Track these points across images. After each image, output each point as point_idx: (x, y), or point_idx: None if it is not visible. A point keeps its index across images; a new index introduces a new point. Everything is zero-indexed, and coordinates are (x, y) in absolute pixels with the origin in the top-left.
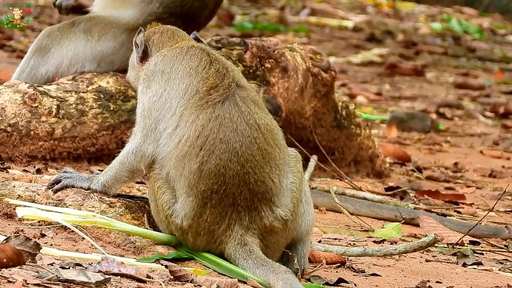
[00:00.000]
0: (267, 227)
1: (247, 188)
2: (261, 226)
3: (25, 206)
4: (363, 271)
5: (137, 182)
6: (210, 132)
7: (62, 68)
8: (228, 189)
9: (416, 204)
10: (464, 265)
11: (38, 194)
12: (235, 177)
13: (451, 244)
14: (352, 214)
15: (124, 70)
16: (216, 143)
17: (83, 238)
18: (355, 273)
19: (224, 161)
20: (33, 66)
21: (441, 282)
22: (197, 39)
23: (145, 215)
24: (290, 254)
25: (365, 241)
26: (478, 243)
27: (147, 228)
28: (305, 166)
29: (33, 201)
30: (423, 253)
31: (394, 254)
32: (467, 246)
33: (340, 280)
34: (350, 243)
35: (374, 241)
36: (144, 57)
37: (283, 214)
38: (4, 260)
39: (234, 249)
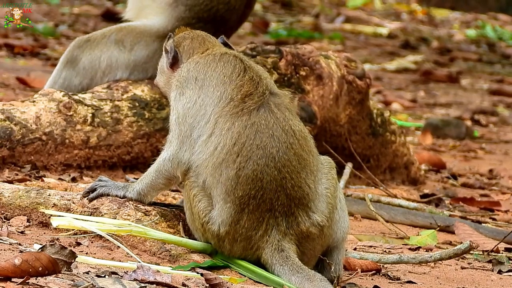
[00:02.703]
0: (304, 233)
1: (284, 193)
2: (298, 232)
3: (59, 215)
4: (398, 279)
5: (172, 190)
6: (246, 138)
7: (96, 79)
8: (265, 194)
9: (451, 211)
10: (500, 272)
11: (73, 203)
12: (272, 182)
13: (486, 251)
14: (387, 221)
15: None
16: (253, 149)
17: (119, 247)
18: (390, 281)
19: (262, 166)
20: (66, 77)
21: None
22: (225, 44)
23: (180, 223)
24: (328, 261)
25: (401, 248)
26: None
27: (182, 236)
28: (340, 174)
29: (68, 210)
30: (458, 260)
31: (429, 262)
32: (502, 253)
33: None
34: (385, 251)
35: (410, 249)
36: (174, 63)
37: (320, 220)
38: (40, 268)
39: (271, 255)
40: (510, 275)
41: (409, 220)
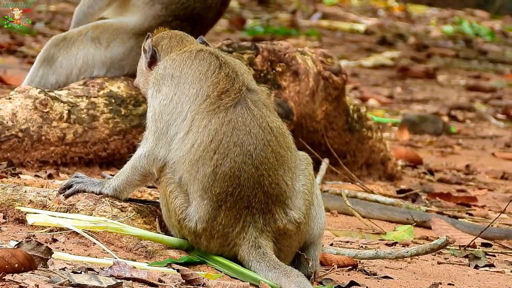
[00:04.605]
0: (281, 229)
1: (262, 190)
2: (275, 229)
3: (35, 213)
4: (375, 274)
5: (149, 187)
6: (223, 136)
7: (72, 76)
8: (243, 192)
9: (428, 207)
10: (476, 267)
11: (50, 199)
12: (249, 179)
13: (463, 246)
14: (364, 217)
15: (134, 75)
16: (230, 146)
17: (95, 243)
18: (367, 276)
19: (239, 163)
20: (42, 75)
21: (453, 284)
22: (205, 43)
23: (156, 219)
24: (306, 257)
25: (377, 244)
26: (490, 245)
27: (158, 233)
28: (316, 170)
29: (44, 206)
30: (435, 255)
31: (406, 257)
32: (479, 248)
33: (352, 283)
34: (362, 246)
35: (386, 244)
36: (153, 62)
37: (297, 217)
38: (16, 265)
39: (247, 252)
40: (487, 270)
41: (385, 216)
